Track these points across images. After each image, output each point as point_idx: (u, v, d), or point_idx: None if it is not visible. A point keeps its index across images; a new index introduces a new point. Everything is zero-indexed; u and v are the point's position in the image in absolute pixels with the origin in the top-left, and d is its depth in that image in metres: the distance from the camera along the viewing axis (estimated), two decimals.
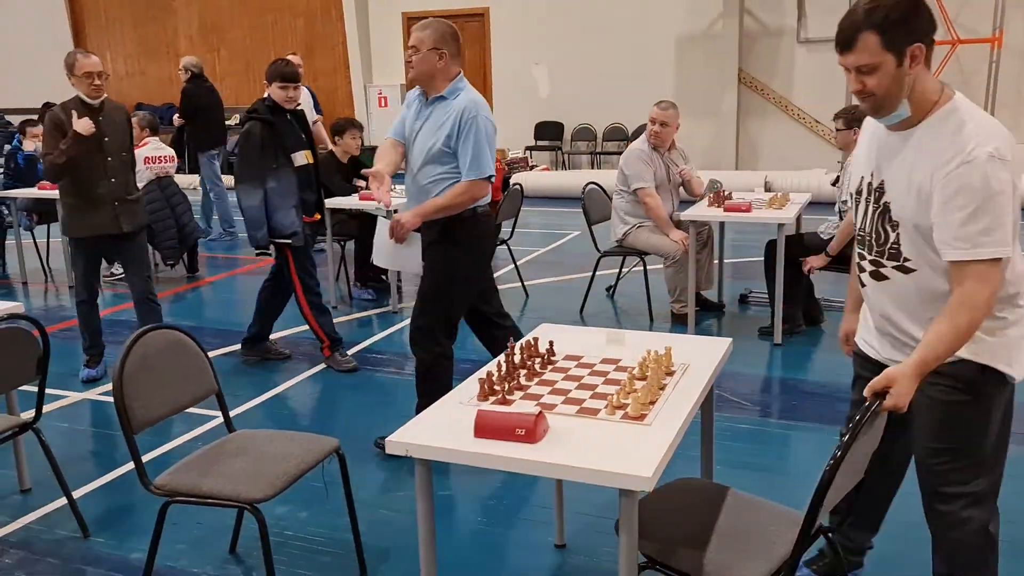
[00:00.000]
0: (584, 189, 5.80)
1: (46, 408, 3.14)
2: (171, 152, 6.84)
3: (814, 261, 4.75)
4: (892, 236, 2.02)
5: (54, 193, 6.62)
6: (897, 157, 1.98)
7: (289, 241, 4.47)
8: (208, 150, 8.55)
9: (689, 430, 2.05)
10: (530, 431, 1.91)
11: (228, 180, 6.55)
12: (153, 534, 2.47)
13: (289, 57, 5.20)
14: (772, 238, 4.93)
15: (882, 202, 2.03)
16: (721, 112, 11.73)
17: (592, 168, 12.78)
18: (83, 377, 4.61)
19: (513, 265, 6.28)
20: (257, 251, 5.16)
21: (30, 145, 7.17)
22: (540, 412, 1.97)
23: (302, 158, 4.53)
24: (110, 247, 4.59)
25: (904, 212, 1.98)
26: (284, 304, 4.82)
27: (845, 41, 1.88)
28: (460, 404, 2.17)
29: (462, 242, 3.42)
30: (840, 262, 4.57)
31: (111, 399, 4.29)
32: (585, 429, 1.99)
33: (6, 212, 7.25)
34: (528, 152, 12.78)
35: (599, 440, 1.93)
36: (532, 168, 12.25)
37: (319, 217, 4.78)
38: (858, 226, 2.15)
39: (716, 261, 5.76)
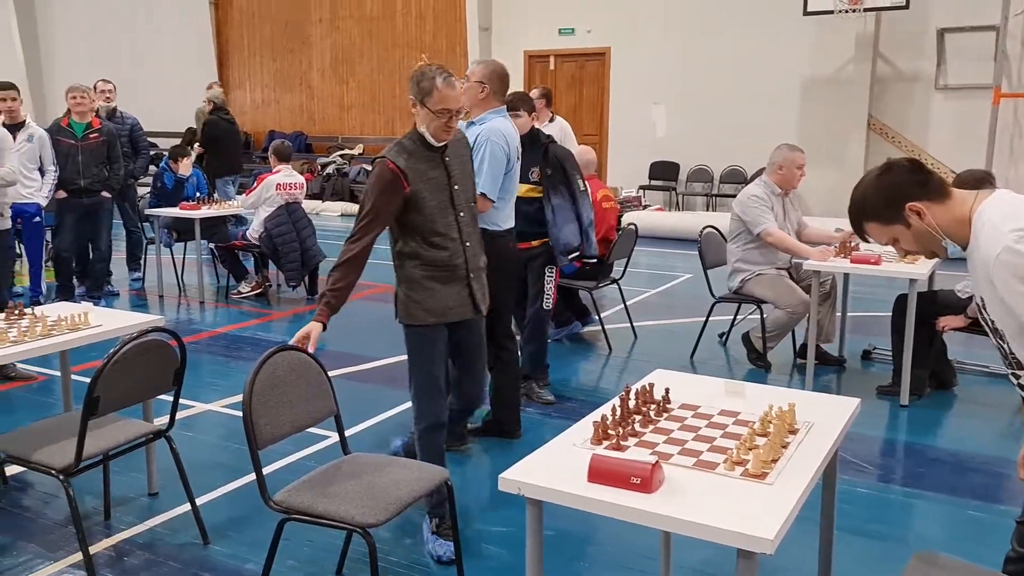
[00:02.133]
0: (701, 233, 5.72)
1: (179, 415, 3.31)
2: (301, 180, 7.17)
3: (951, 321, 4.52)
4: (1007, 347, 2.01)
5: (194, 212, 7.07)
6: (976, 274, 2.02)
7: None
8: (224, 176, 9.24)
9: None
10: (646, 480, 1.89)
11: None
12: (270, 549, 2.56)
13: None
14: (901, 293, 4.72)
15: (988, 318, 2.03)
16: (846, 159, 11.36)
17: (707, 210, 12.59)
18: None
19: (622, 305, 6.24)
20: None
21: (182, 169, 7.66)
22: (657, 462, 1.94)
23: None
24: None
25: (1000, 321, 1.97)
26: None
27: (859, 232, 2.09)
28: (573, 446, 2.16)
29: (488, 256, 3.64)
30: (978, 324, 4.32)
31: (236, 412, 4.53)
32: (702, 483, 1.95)
33: (149, 229, 7.76)
34: (642, 191, 12.72)
35: (717, 496, 1.88)
36: (645, 207, 12.19)
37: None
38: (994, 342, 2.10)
39: (838, 314, 5.55)
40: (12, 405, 4.61)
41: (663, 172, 12.92)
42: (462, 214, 3.06)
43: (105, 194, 6.72)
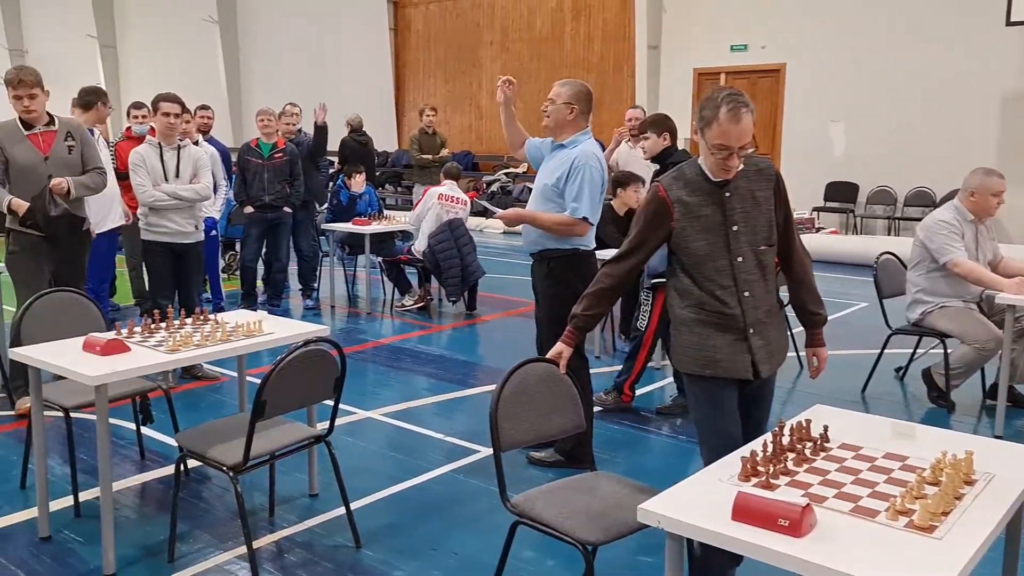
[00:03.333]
0: (878, 259, 5.35)
1: (337, 421, 3.47)
2: (464, 196, 7.39)
3: None
4: None
5: (364, 228, 7.44)
6: None
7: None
8: None
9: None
10: (795, 523, 1.77)
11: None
12: (503, 549, 2.61)
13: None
14: None
15: None
16: None
17: (889, 234, 11.80)
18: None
19: (788, 333, 5.93)
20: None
21: (355, 186, 8.11)
22: (808, 504, 1.81)
23: None
24: None
25: None
26: None
27: None
28: (719, 481, 2.07)
29: (562, 276, 3.86)
30: None
31: (395, 421, 4.70)
32: (859, 531, 1.80)
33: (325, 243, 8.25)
34: (815, 213, 12.12)
35: (876, 547, 1.73)
36: (818, 230, 11.59)
37: None
38: None
39: None
40: (197, 403, 5.01)
41: (840, 193, 12.25)
42: (740, 259, 2.61)
43: (287, 209, 7.20)
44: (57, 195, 4.41)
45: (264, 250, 7.41)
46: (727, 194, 2.61)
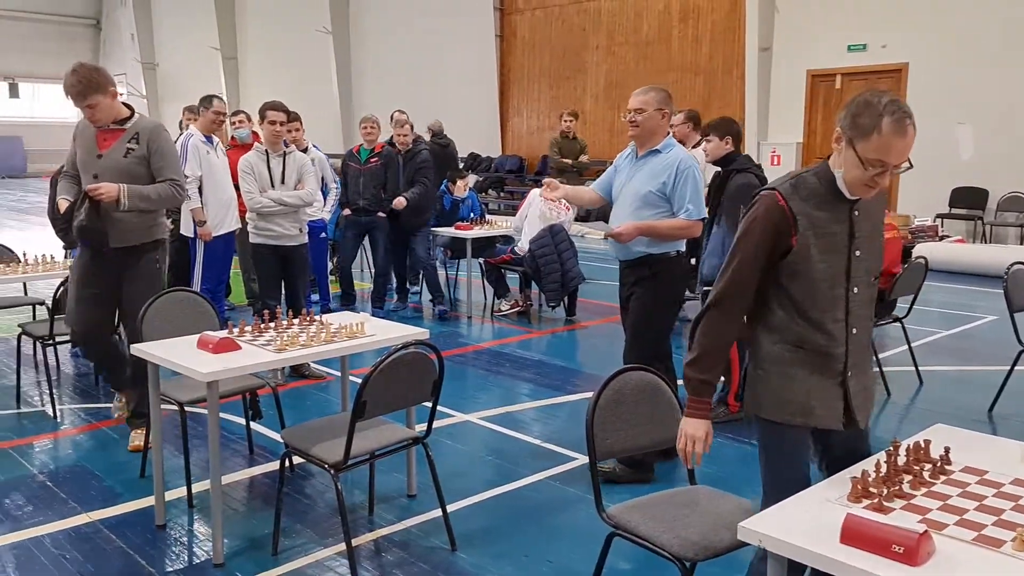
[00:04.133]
0: (1008, 270, 5.00)
1: (434, 424, 3.50)
2: (565, 201, 7.35)
3: None
4: None
5: (467, 232, 7.51)
6: None
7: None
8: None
9: None
10: (911, 550, 1.65)
11: None
12: (599, 560, 2.58)
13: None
14: None
15: None
16: None
17: (1022, 243, 11.05)
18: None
19: (907, 347, 5.63)
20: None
21: (458, 191, 8.21)
22: (926, 531, 1.69)
23: None
24: None
25: None
26: None
27: None
28: (827, 501, 1.96)
29: (666, 280, 3.94)
30: None
31: (493, 425, 4.72)
32: (982, 562, 1.67)
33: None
34: (939, 220, 11.47)
35: None
36: (942, 238, 10.96)
37: None
38: None
39: None
40: (303, 401, 5.17)
41: (967, 199, 11.56)
42: (855, 290, 2.27)
43: (381, 214, 7.36)
44: (101, 202, 3.86)
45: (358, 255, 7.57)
46: (856, 212, 2.24)
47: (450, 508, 3.47)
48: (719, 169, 4.74)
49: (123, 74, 29.78)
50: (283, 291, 5.65)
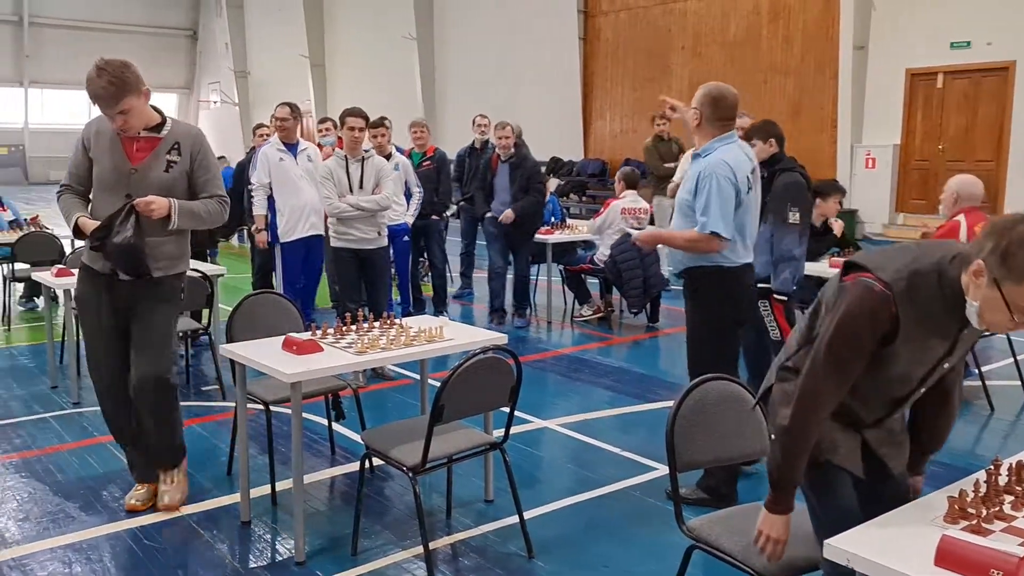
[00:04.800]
0: None
1: (513, 429, 3.48)
2: (646, 205, 7.27)
3: None
4: None
5: (548, 237, 7.48)
6: None
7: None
8: None
9: None
10: (1010, 575, 1.55)
11: None
12: (678, 573, 2.54)
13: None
14: None
15: None
16: None
17: None
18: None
19: (1012, 359, 5.32)
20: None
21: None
22: None
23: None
24: None
25: None
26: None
27: None
28: (921, 521, 1.86)
29: (705, 296, 3.66)
30: None
31: (572, 432, 4.68)
32: None
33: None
34: None
35: None
36: None
37: None
38: None
39: None
40: (383, 403, 5.24)
41: None
42: (923, 390, 2.15)
43: (434, 217, 7.38)
44: (149, 217, 3.33)
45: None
46: (964, 332, 2.02)
47: (527, 515, 3.45)
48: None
49: (217, 82, 31.06)
50: (362, 293, 5.74)
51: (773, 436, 2.16)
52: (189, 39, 33.21)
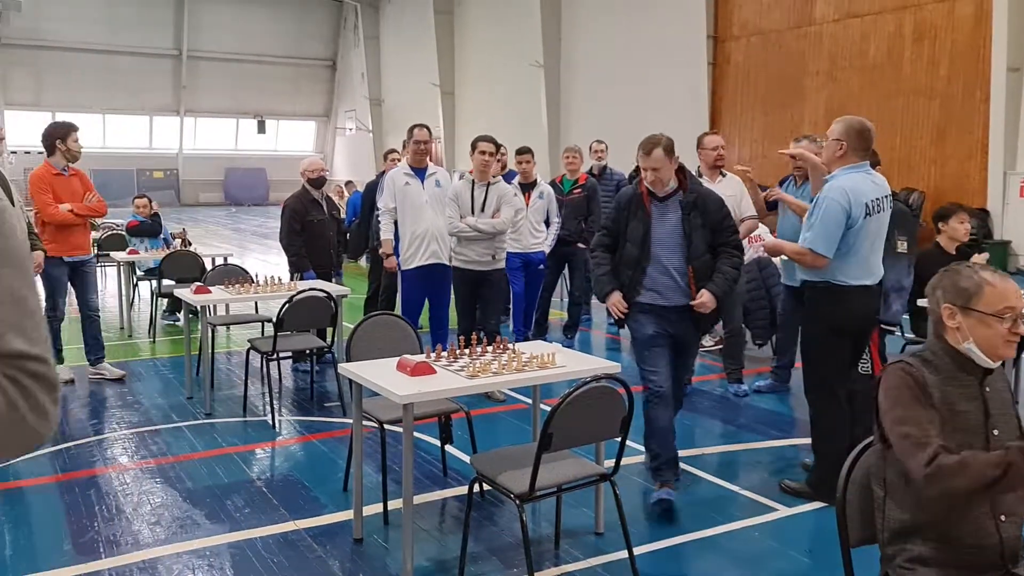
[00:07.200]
0: None
1: (624, 461, 3.39)
2: (766, 229, 6.97)
3: None
4: None
5: None
6: None
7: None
8: None
9: None
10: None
11: None
12: None
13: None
14: None
15: None
16: None
17: None
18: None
19: None
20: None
21: None
22: None
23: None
24: None
25: None
26: None
27: None
28: None
29: (817, 310, 3.91)
30: None
31: (688, 467, 4.50)
32: None
33: None
34: None
35: None
36: None
37: None
38: None
39: None
40: (495, 427, 5.23)
41: None
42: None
43: (580, 245, 7.30)
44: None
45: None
46: (987, 388, 2.11)
47: (639, 551, 3.35)
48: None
49: (353, 110, 32.47)
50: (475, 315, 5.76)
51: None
52: (328, 69, 34.95)
